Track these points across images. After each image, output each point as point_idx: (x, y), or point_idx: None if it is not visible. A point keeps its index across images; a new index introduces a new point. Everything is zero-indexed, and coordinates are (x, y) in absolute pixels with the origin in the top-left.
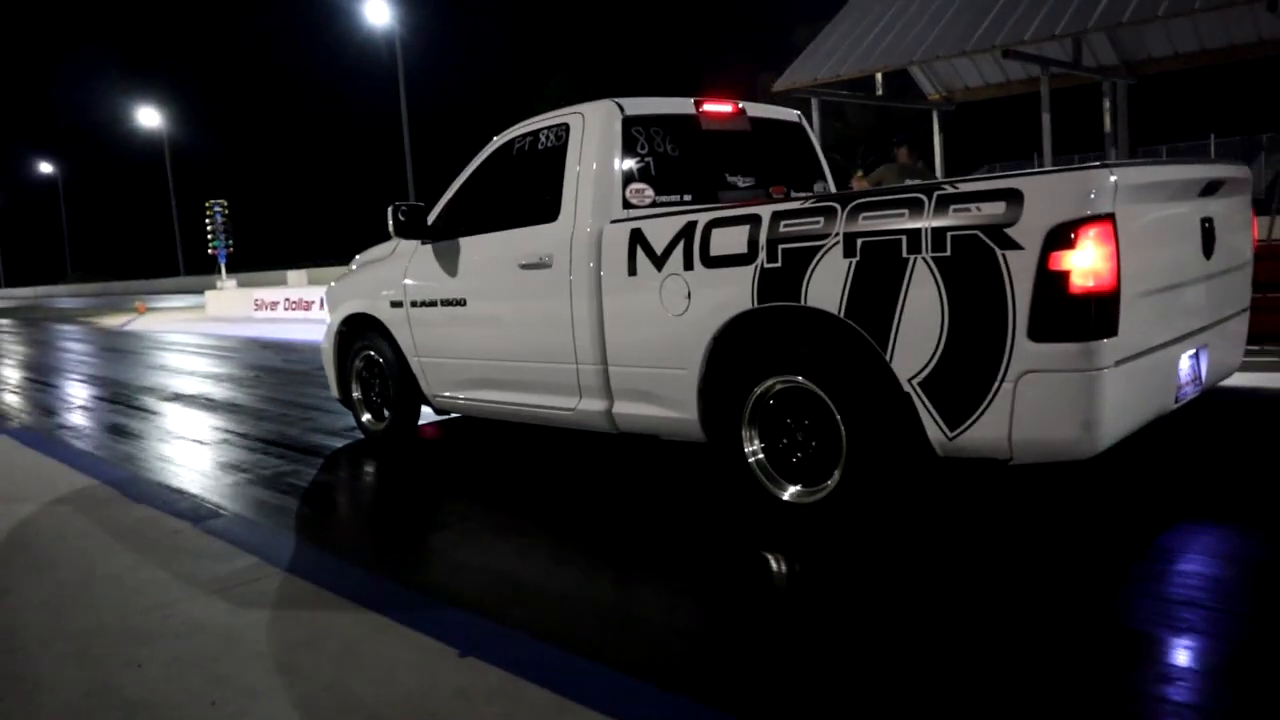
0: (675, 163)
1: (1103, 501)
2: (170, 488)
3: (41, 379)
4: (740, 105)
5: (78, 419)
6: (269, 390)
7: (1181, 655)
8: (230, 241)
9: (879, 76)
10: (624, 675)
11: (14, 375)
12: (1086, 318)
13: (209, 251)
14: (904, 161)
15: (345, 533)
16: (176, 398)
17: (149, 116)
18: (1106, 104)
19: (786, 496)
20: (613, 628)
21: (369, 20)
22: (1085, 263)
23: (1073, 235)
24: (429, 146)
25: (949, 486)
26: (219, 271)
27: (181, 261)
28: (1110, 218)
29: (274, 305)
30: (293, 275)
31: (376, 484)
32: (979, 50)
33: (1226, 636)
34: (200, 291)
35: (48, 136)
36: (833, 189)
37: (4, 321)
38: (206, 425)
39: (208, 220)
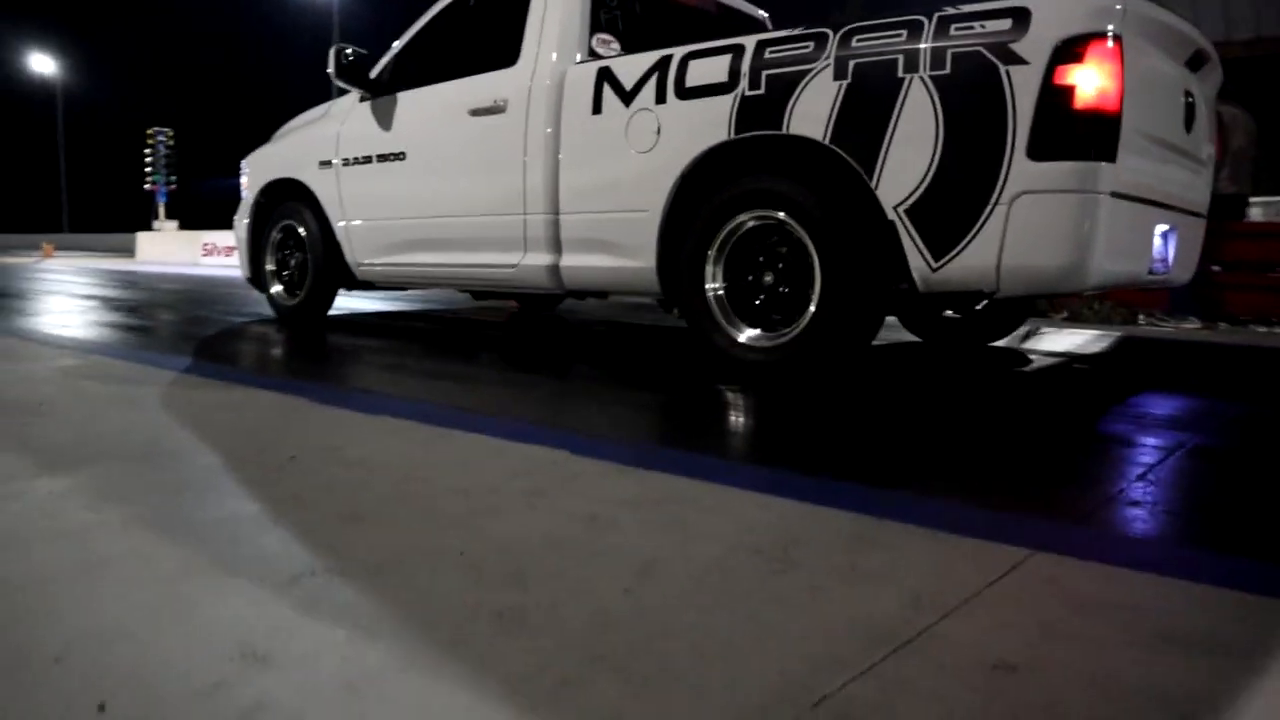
0: (641, 24)
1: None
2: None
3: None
4: None
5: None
6: None
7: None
8: (173, 178)
9: None
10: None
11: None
12: (1088, 136)
13: (146, 187)
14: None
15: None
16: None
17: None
18: None
19: (743, 339)
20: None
21: None
22: (1091, 79)
23: (1080, 50)
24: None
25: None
26: (155, 213)
27: None
28: (1119, 38)
29: (231, 251)
30: None
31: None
32: None
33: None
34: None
35: None
36: None
37: None
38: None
39: (148, 151)
